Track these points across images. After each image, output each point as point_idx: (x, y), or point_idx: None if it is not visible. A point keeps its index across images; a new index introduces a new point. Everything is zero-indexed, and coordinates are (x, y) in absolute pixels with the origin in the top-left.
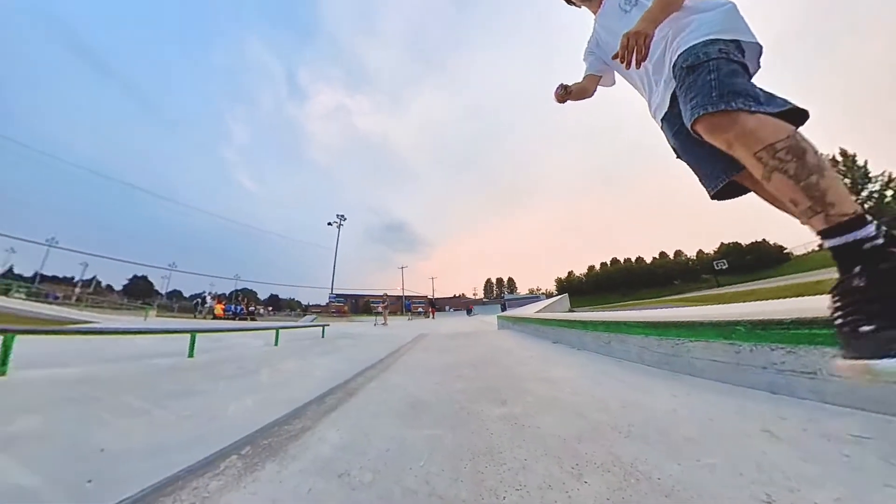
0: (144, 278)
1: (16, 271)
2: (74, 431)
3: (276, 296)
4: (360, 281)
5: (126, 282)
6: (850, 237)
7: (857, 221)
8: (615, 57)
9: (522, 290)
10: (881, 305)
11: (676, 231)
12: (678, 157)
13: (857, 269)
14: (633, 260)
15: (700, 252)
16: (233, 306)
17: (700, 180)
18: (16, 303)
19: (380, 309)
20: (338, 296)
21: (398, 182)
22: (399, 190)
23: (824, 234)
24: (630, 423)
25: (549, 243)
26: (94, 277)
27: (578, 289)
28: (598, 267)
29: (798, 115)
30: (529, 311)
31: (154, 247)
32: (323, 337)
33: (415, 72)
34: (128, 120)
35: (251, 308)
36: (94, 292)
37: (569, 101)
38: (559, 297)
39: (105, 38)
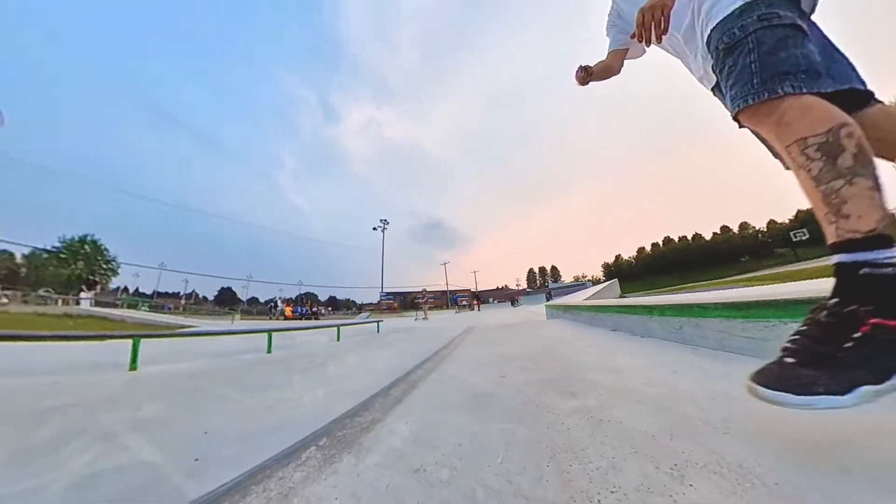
0: (229, 289)
1: (140, 290)
2: (185, 416)
3: (335, 297)
4: (408, 279)
5: (216, 293)
6: (850, 257)
7: (869, 242)
8: (633, 36)
9: (567, 278)
10: (815, 346)
11: (740, 201)
12: (741, 126)
13: (833, 301)
14: (690, 237)
15: (772, 222)
16: (299, 308)
17: (770, 151)
18: (142, 314)
19: (421, 304)
20: (388, 294)
21: (434, 182)
22: (436, 190)
23: (832, 247)
24: (726, 417)
25: (593, 228)
26: (193, 291)
27: (628, 273)
28: (648, 248)
29: (860, 96)
30: (578, 298)
31: (235, 262)
32: (378, 332)
33: (435, 75)
34: (199, 160)
35: (314, 309)
36: (194, 303)
37: (593, 82)
38: (608, 282)
39: (173, 97)
